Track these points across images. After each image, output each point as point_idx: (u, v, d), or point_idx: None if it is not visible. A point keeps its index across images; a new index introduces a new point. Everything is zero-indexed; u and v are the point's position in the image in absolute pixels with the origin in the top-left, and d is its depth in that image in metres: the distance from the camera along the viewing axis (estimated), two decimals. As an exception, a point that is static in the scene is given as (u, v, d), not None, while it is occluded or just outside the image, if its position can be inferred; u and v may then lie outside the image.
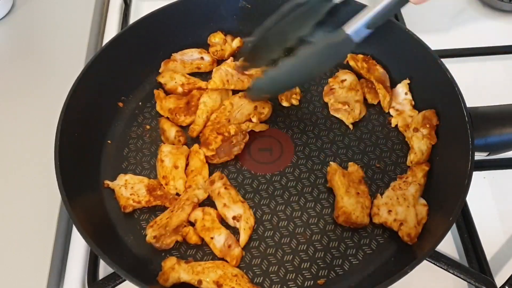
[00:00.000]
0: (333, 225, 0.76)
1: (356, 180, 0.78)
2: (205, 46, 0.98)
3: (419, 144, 0.81)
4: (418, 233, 0.72)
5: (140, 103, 0.92)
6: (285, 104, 0.89)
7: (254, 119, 0.86)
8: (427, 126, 0.82)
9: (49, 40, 1.06)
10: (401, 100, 0.89)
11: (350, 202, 0.74)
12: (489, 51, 1.01)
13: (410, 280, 0.66)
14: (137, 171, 0.83)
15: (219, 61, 0.97)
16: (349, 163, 0.81)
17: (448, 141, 0.80)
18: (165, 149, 0.83)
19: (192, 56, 0.96)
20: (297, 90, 0.90)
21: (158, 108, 0.90)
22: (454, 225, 0.77)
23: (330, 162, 0.81)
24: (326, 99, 0.89)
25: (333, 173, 0.78)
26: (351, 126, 0.87)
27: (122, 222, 0.77)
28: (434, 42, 0.90)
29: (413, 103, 0.88)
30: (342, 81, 0.89)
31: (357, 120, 0.87)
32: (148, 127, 0.89)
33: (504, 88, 0.98)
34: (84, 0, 1.12)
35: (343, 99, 0.88)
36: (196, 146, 0.84)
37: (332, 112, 0.88)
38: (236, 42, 0.97)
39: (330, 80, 0.91)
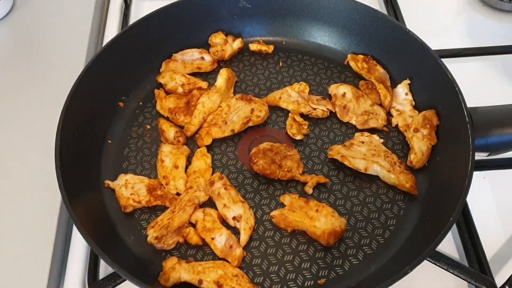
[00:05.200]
0: (333, 225, 0.76)
1: (300, 203, 0.76)
2: (205, 46, 0.98)
3: (420, 144, 0.81)
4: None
5: (140, 103, 0.92)
6: (298, 137, 0.86)
7: (251, 123, 0.86)
8: (428, 126, 0.82)
9: (49, 40, 1.06)
10: (401, 100, 0.89)
11: (320, 224, 0.73)
12: (489, 51, 1.02)
13: (410, 280, 0.65)
14: (138, 171, 0.83)
15: (220, 61, 0.98)
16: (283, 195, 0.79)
17: (448, 141, 0.81)
18: (166, 149, 0.83)
19: (192, 56, 0.96)
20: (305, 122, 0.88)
21: (158, 107, 0.90)
22: (454, 225, 0.77)
23: (272, 213, 0.77)
24: (346, 120, 0.88)
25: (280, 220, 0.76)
26: (386, 129, 0.87)
27: (123, 222, 0.77)
28: (434, 42, 0.90)
29: (413, 103, 0.88)
30: (343, 95, 0.89)
31: (385, 119, 0.87)
32: (148, 127, 0.89)
33: (504, 88, 0.98)
34: (84, 0, 1.12)
35: (360, 110, 0.87)
36: (204, 148, 0.84)
37: (361, 127, 0.86)
38: (237, 43, 0.97)
39: (333, 101, 0.89)
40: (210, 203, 0.79)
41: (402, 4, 1.10)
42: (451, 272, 0.68)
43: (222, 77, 0.90)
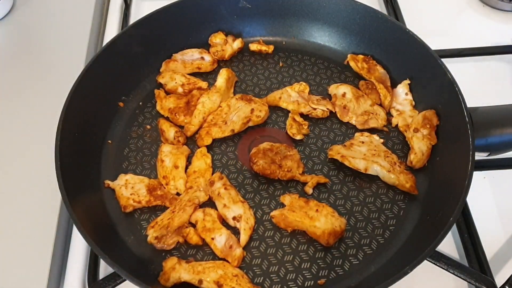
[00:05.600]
0: (333, 225, 0.76)
1: (300, 203, 0.76)
2: (205, 46, 0.98)
3: (420, 144, 0.81)
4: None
5: (140, 103, 0.92)
6: (298, 137, 0.86)
7: (251, 123, 0.86)
8: (428, 126, 0.82)
9: (49, 40, 1.06)
10: (401, 100, 0.89)
11: (321, 224, 0.73)
12: (489, 51, 1.02)
13: (410, 280, 0.66)
14: (138, 171, 0.83)
15: (220, 61, 0.98)
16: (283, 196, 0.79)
17: (448, 141, 0.81)
18: (165, 149, 0.83)
19: (192, 56, 0.96)
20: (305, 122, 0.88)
21: (158, 107, 0.90)
22: (454, 225, 0.77)
23: (272, 213, 0.77)
24: (346, 120, 0.88)
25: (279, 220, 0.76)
26: (386, 129, 0.87)
27: (123, 222, 0.77)
28: (434, 42, 0.90)
29: (413, 103, 0.88)
30: (343, 95, 0.89)
31: (385, 119, 0.87)
32: (148, 127, 0.89)
33: (504, 88, 0.98)
34: (84, 0, 1.12)
35: (360, 110, 0.87)
36: (204, 148, 0.84)
37: (361, 127, 0.86)
38: (237, 43, 0.97)
39: (333, 101, 0.89)
40: (210, 203, 0.79)
41: (402, 4, 1.10)
42: (451, 272, 0.68)
43: (222, 77, 0.90)
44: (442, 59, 0.83)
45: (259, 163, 0.80)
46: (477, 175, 0.83)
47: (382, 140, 0.84)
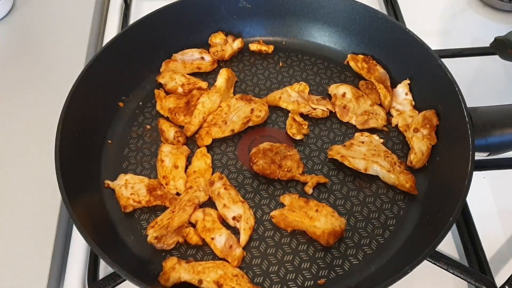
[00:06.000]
0: (333, 225, 0.76)
1: (299, 203, 0.76)
2: (205, 46, 0.98)
3: (419, 144, 0.81)
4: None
5: (140, 103, 0.92)
6: (298, 137, 0.86)
7: (251, 123, 0.86)
8: (427, 126, 0.82)
9: (49, 40, 1.06)
10: (401, 100, 0.89)
11: (320, 224, 0.73)
12: (489, 51, 1.01)
13: (410, 280, 0.65)
14: (138, 171, 0.83)
15: (220, 61, 0.98)
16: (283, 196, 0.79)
17: (448, 141, 0.81)
18: (165, 149, 0.83)
19: (192, 56, 0.96)
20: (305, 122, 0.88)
21: (158, 107, 0.90)
22: (454, 225, 0.77)
23: (272, 213, 0.77)
24: (346, 120, 0.88)
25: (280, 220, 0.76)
26: (386, 129, 0.87)
27: (123, 222, 0.78)
28: (434, 42, 0.90)
29: (413, 103, 0.88)
30: (343, 95, 0.89)
31: (385, 119, 0.87)
32: (148, 127, 0.89)
33: (504, 88, 0.98)
34: (84, 0, 1.13)
35: (360, 110, 0.87)
36: (204, 148, 0.84)
37: (361, 127, 0.86)
38: (237, 43, 0.97)
39: (333, 101, 0.89)
40: (210, 203, 0.79)
41: (402, 4, 1.10)
42: (451, 272, 0.68)
43: (222, 77, 0.90)
44: (442, 59, 0.83)
45: (259, 163, 0.80)
46: (477, 175, 0.83)
47: (382, 140, 0.84)
